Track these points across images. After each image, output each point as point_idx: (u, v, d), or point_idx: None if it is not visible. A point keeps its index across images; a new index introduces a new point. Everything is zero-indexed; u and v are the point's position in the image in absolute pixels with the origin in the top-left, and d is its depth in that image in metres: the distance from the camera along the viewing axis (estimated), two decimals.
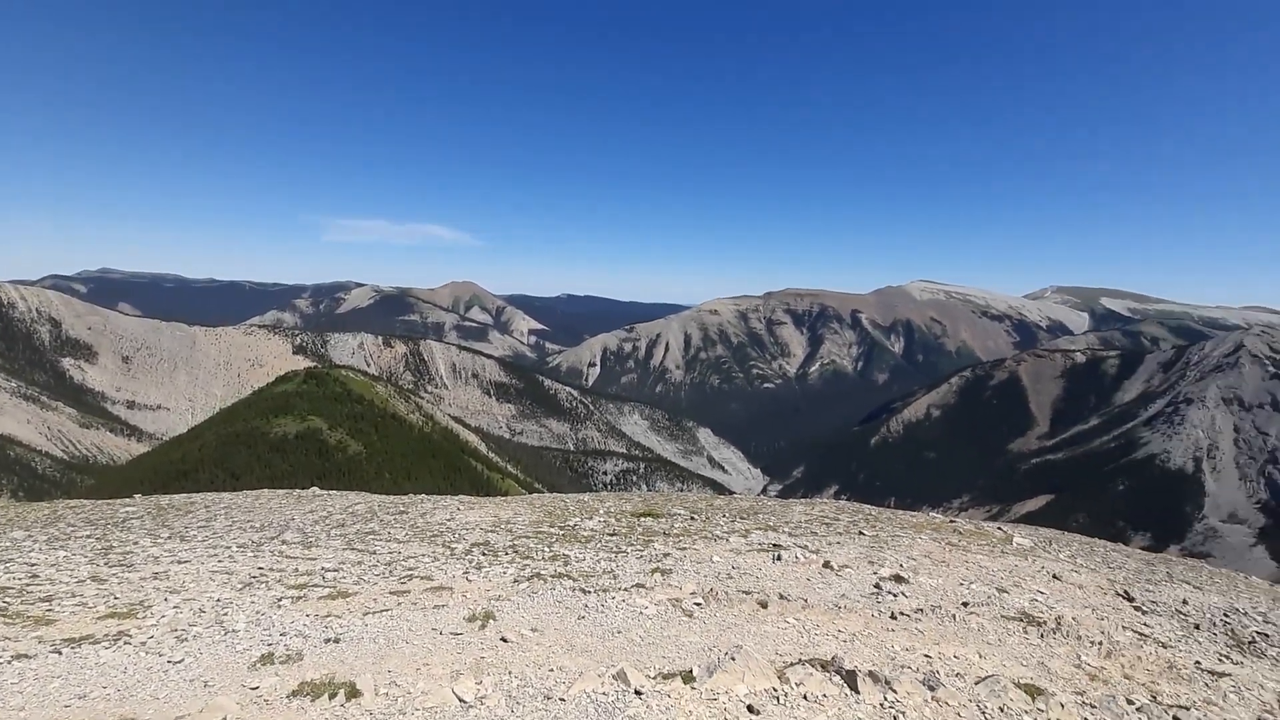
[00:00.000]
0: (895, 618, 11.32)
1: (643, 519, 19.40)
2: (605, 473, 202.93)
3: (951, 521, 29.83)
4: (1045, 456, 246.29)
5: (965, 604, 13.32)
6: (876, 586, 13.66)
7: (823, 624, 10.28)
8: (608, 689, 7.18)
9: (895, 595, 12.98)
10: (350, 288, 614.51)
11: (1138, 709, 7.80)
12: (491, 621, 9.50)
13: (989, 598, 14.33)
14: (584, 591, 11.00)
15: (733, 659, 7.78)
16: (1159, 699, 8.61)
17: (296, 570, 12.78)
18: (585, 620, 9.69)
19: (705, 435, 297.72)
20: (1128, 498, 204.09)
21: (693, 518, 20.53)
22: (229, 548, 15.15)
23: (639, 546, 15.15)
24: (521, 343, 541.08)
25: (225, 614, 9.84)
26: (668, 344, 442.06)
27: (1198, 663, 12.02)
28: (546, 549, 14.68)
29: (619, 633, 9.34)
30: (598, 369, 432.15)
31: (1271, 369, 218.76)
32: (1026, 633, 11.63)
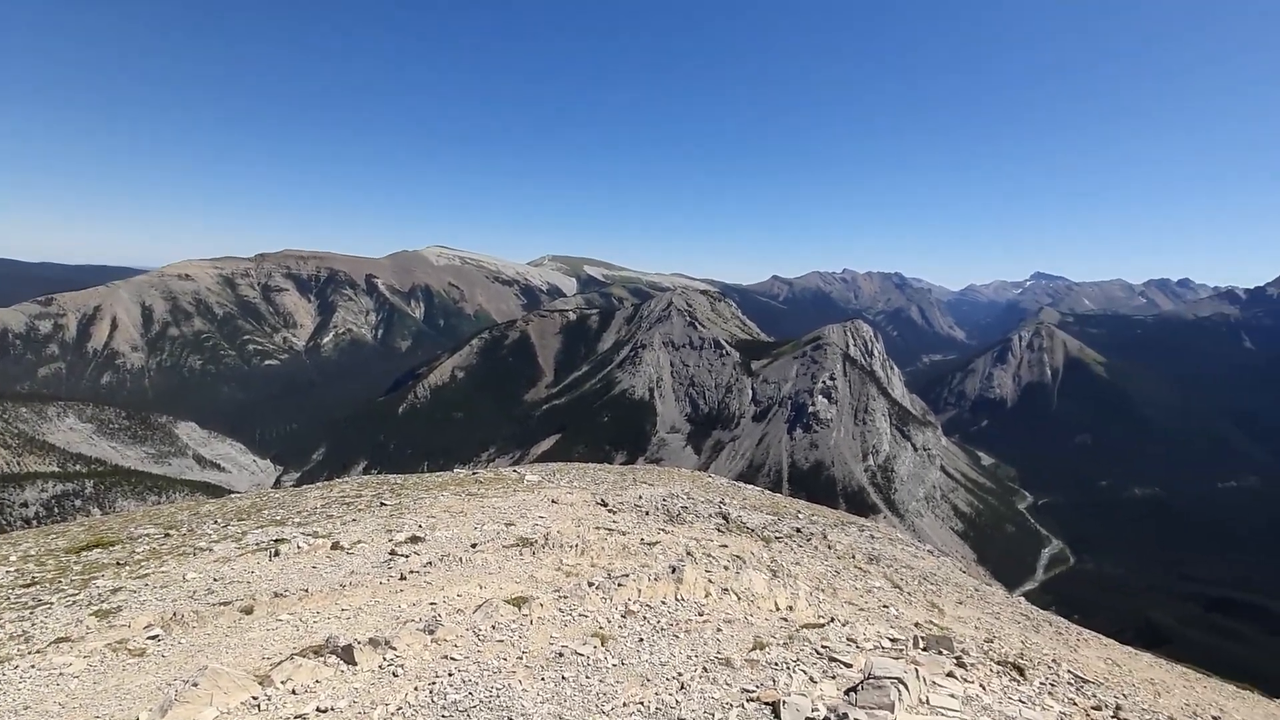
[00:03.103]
0: (405, 577, 11.35)
1: (86, 553, 14.77)
2: (26, 505, 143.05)
3: (474, 473, 32.09)
4: (552, 402, 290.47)
5: (474, 545, 14.36)
6: (391, 554, 13.51)
7: (324, 609, 9.53)
8: None
9: (408, 556, 13.06)
10: None
11: (595, 586, 9.59)
12: None
13: (497, 533, 15.82)
14: None
15: (195, 685, 6.46)
16: (611, 574, 10.81)
17: None
18: None
19: (189, 430, 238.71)
20: (611, 426, 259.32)
21: (168, 534, 16.70)
22: None
23: (73, 590, 11.43)
24: None
25: None
26: (115, 319, 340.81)
27: (642, 539, 15.73)
28: None
29: (26, 709, 6.97)
30: None
31: (688, 319, 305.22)
32: (522, 554, 13.22)
